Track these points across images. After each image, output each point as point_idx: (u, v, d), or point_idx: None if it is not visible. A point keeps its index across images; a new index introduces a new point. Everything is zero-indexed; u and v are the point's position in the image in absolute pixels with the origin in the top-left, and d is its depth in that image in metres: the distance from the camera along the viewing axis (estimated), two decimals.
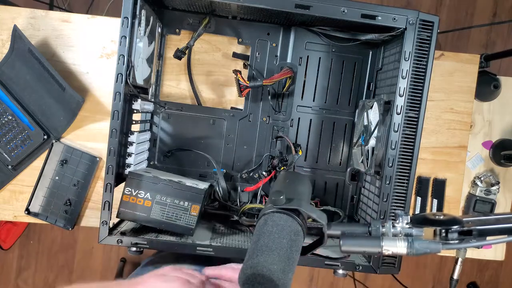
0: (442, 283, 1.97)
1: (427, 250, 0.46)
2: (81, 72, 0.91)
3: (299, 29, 0.85)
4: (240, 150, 0.88)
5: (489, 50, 1.96)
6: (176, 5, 0.82)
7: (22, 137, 0.89)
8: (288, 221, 0.47)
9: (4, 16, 0.90)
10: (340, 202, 0.90)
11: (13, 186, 0.92)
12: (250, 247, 0.45)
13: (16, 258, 1.92)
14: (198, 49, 0.88)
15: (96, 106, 0.92)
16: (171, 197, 0.71)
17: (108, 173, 0.68)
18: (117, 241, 0.69)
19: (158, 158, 0.87)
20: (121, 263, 1.92)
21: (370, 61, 0.87)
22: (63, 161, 0.91)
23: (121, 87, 0.67)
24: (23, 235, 1.89)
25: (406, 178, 0.70)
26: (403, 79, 0.68)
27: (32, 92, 0.89)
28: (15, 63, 0.88)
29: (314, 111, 0.88)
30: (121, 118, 0.68)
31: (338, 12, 0.67)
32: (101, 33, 0.91)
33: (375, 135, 0.76)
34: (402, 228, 0.49)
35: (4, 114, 0.89)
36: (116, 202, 0.70)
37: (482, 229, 0.46)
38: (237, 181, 0.88)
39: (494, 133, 1.04)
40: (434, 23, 0.68)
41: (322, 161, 0.89)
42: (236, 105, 0.89)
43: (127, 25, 0.66)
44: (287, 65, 0.86)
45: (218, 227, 0.83)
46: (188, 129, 0.87)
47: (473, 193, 1.02)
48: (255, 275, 0.41)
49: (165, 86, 0.89)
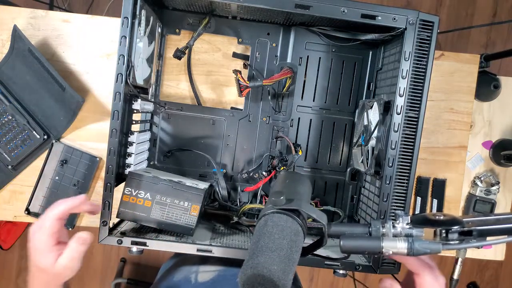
0: None
1: (427, 251, 0.46)
2: (81, 72, 0.91)
3: (299, 29, 0.85)
4: (240, 150, 0.88)
5: (489, 50, 1.96)
6: (176, 5, 0.82)
7: (22, 137, 0.89)
8: (288, 222, 0.47)
9: (4, 16, 0.90)
10: (340, 202, 0.90)
11: (13, 186, 0.92)
12: (250, 247, 0.45)
13: (16, 258, 1.92)
14: (198, 49, 0.88)
15: (96, 106, 0.92)
16: (171, 197, 0.71)
17: (108, 173, 0.68)
18: (117, 241, 0.69)
19: (158, 158, 0.87)
20: (121, 263, 1.92)
21: (370, 61, 0.87)
22: (63, 161, 0.91)
23: (121, 87, 0.67)
24: (23, 235, 1.89)
25: (406, 178, 0.70)
26: (403, 79, 0.68)
27: (32, 92, 0.89)
28: (15, 63, 0.88)
29: (314, 111, 0.88)
30: (121, 118, 0.67)
31: (338, 12, 0.67)
32: (101, 33, 0.91)
33: (375, 135, 0.76)
34: (402, 229, 0.49)
35: (4, 114, 0.89)
36: (116, 202, 0.70)
37: (482, 229, 0.46)
38: (237, 181, 0.88)
39: (494, 133, 1.04)
40: (434, 23, 0.68)
41: (322, 161, 0.89)
42: (236, 105, 0.89)
43: (127, 25, 0.66)
44: (287, 65, 0.86)
45: (218, 227, 0.83)
46: (188, 129, 0.87)
47: (473, 193, 1.02)
48: (255, 275, 0.41)
49: (165, 86, 0.89)
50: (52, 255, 0.57)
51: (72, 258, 0.58)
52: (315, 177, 0.89)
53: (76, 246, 0.58)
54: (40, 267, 0.58)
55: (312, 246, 0.52)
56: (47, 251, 0.57)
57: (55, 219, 0.57)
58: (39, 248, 0.57)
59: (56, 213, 0.58)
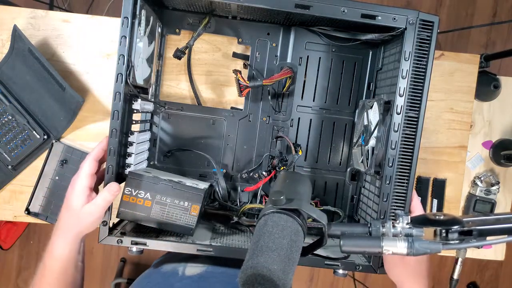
0: (442, 283, 1.97)
1: (427, 250, 0.46)
2: (81, 72, 0.91)
3: (299, 29, 0.85)
4: (240, 150, 0.88)
5: (489, 50, 1.96)
6: (176, 5, 0.82)
7: (22, 137, 0.89)
8: (288, 221, 0.47)
9: (4, 16, 0.90)
10: (340, 202, 0.90)
11: (13, 186, 0.92)
12: (250, 247, 0.45)
13: (16, 258, 1.92)
14: (198, 49, 0.88)
15: (96, 106, 0.92)
16: (171, 197, 0.71)
17: (108, 173, 0.68)
18: (117, 241, 0.69)
19: (158, 158, 0.87)
20: (121, 263, 1.92)
21: (370, 61, 0.87)
22: (63, 161, 0.91)
23: (121, 87, 0.67)
24: (23, 235, 1.89)
25: (406, 178, 0.70)
26: (403, 79, 0.68)
27: (32, 92, 0.89)
28: (15, 63, 0.88)
29: (314, 111, 0.88)
30: (121, 118, 0.67)
31: (338, 12, 0.67)
32: (101, 33, 0.91)
33: (375, 135, 0.76)
34: (402, 228, 0.49)
35: (4, 114, 0.89)
36: (116, 202, 0.70)
37: (482, 229, 0.46)
38: (237, 181, 0.88)
39: (494, 133, 1.04)
40: (434, 23, 0.68)
41: (322, 161, 0.89)
42: (236, 105, 0.89)
43: (127, 25, 0.66)
44: (287, 65, 0.86)
45: (218, 227, 0.83)
46: (188, 129, 0.87)
47: (473, 193, 1.02)
48: (255, 275, 0.41)
49: (165, 86, 0.89)
50: (84, 197, 0.65)
51: (99, 205, 0.64)
52: (315, 177, 0.89)
53: (107, 194, 0.65)
54: (70, 207, 0.65)
55: (312, 246, 0.52)
56: (80, 192, 0.65)
57: (93, 159, 0.67)
58: (75, 188, 0.65)
59: (93, 154, 0.67)
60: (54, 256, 0.65)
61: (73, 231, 0.66)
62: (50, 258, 0.65)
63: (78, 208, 0.64)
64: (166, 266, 0.77)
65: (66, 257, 0.65)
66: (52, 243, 0.66)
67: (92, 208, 0.65)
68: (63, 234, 0.66)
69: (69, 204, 0.65)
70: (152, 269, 0.80)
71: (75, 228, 0.65)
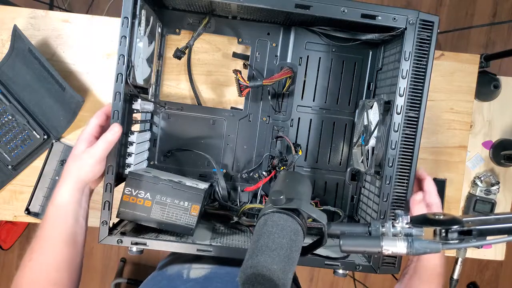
0: None
1: (427, 250, 0.46)
2: (81, 72, 0.91)
3: (299, 29, 0.85)
4: (240, 150, 0.88)
5: (489, 50, 1.96)
6: (176, 5, 0.82)
7: (22, 137, 0.89)
8: (288, 221, 0.47)
9: (4, 16, 0.90)
10: (340, 202, 0.90)
11: (13, 186, 0.92)
12: (250, 247, 0.45)
13: (16, 258, 1.92)
14: (198, 49, 0.88)
15: (96, 106, 0.92)
16: (171, 197, 0.71)
17: (108, 173, 0.68)
18: (117, 241, 0.69)
19: (158, 158, 0.87)
20: (121, 263, 1.92)
21: (370, 61, 0.87)
22: (63, 161, 0.91)
23: (121, 87, 0.67)
24: (23, 235, 1.89)
25: (406, 178, 0.70)
26: (403, 79, 0.68)
27: (32, 92, 0.89)
28: (15, 63, 0.88)
29: (314, 111, 0.88)
30: (121, 118, 0.68)
31: (338, 12, 0.67)
32: (101, 33, 0.91)
33: (375, 135, 0.76)
34: (402, 228, 0.48)
35: (4, 114, 0.89)
36: (116, 202, 0.70)
37: (482, 229, 0.46)
38: (237, 181, 0.88)
39: (494, 133, 1.04)
40: (434, 23, 0.68)
41: (322, 161, 0.89)
42: (236, 105, 0.89)
43: (127, 25, 0.66)
44: (287, 65, 0.86)
45: (218, 227, 0.83)
46: (188, 129, 0.87)
47: (473, 193, 1.02)
48: (255, 275, 0.41)
49: (165, 86, 0.89)
50: (87, 143, 0.66)
51: (99, 147, 0.65)
52: (315, 177, 0.89)
53: (108, 134, 0.65)
54: (73, 153, 0.66)
55: (312, 245, 0.52)
56: (84, 139, 0.66)
57: (103, 112, 0.69)
58: (80, 137, 0.67)
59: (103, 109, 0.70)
60: (54, 203, 0.65)
61: (74, 176, 0.66)
62: (50, 206, 0.66)
63: (79, 153, 0.65)
64: (171, 269, 0.77)
65: (65, 203, 0.65)
66: (54, 193, 0.66)
67: (92, 150, 0.65)
68: (64, 181, 0.66)
69: (73, 151, 0.67)
70: (157, 271, 0.80)
71: (75, 172, 0.66)
